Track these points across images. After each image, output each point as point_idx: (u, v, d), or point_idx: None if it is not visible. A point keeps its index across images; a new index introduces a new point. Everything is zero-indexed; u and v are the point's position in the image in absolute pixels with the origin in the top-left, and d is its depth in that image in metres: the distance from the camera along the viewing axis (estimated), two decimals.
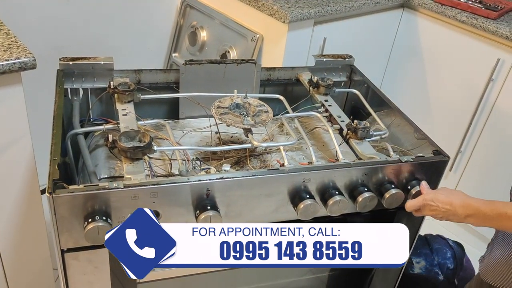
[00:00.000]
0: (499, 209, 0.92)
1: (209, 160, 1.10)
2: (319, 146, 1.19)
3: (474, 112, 1.94)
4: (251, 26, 1.78)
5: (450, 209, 0.96)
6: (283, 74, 1.36)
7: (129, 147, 0.93)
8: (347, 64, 1.41)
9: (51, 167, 0.87)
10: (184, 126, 1.24)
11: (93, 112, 1.23)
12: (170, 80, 1.25)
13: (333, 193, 0.99)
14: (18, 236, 1.31)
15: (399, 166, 1.04)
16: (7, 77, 1.08)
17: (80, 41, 1.80)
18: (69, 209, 0.84)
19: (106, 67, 1.18)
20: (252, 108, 1.11)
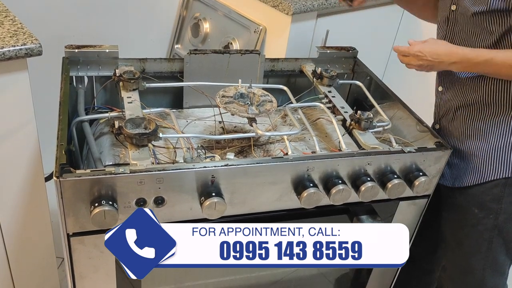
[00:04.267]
0: (485, 55, 0.99)
1: (213, 149, 1.11)
2: (322, 137, 1.20)
3: None
4: (254, 18, 1.78)
5: (437, 58, 1.02)
6: (286, 65, 1.37)
7: (135, 133, 0.94)
8: (351, 56, 1.42)
9: (58, 151, 0.88)
10: (188, 115, 1.25)
11: (98, 100, 1.23)
12: (174, 69, 1.26)
13: (336, 182, 1.00)
14: (22, 223, 1.32)
15: (402, 157, 1.05)
16: (13, 63, 1.09)
17: (84, 31, 1.81)
18: (76, 193, 0.85)
19: (111, 55, 1.19)
20: (256, 97, 1.12)
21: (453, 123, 1.15)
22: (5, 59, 1.06)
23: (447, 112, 1.16)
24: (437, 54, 1.02)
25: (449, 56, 1.02)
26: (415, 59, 1.05)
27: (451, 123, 1.16)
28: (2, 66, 1.08)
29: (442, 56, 1.02)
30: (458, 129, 1.14)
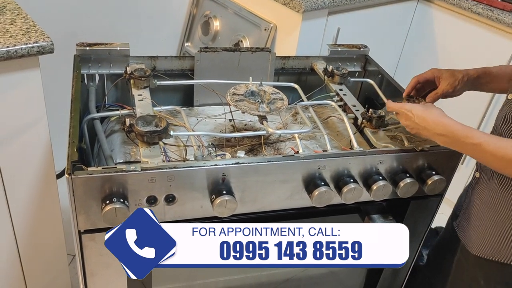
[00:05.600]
0: (474, 139, 0.88)
1: (223, 147, 1.11)
2: (333, 135, 1.19)
3: (488, 105, 1.92)
4: (264, 16, 1.78)
5: (422, 123, 0.95)
6: (297, 63, 1.36)
7: (146, 131, 0.94)
8: (362, 54, 1.41)
9: (70, 149, 0.88)
10: (198, 113, 1.25)
11: (109, 98, 1.23)
12: (185, 67, 1.25)
13: (348, 181, 0.99)
14: (33, 220, 1.33)
15: (414, 156, 1.03)
16: (26, 61, 1.09)
17: (95, 29, 1.82)
18: (87, 190, 0.85)
19: (122, 53, 1.19)
20: (267, 95, 1.12)
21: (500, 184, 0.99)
22: (17, 57, 1.07)
23: None
24: (424, 120, 0.94)
25: (436, 125, 0.93)
26: (403, 117, 0.99)
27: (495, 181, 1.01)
28: (14, 63, 1.09)
29: (429, 123, 0.94)
30: (497, 191, 1.00)
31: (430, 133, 0.95)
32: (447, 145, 0.94)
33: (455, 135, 0.91)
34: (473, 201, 1.08)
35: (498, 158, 0.86)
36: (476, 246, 1.05)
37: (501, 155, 0.85)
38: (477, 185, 1.07)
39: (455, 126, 0.92)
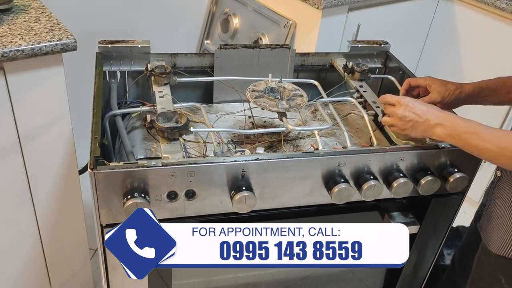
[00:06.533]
0: (474, 127, 0.90)
1: (242, 143, 1.11)
2: (353, 132, 1.18)
3: None
4: (284, 13, 1.77)
5: (424, 115, 0.94)
6: (317, 60, 1.36)
7: (167, 127, 0.94)
8: (383, 50, 1.39)
9: (93, 144, 0.89)
10: (218, 110, 1.26)
11: (130, 95, 1.25)
12: (205, 64, 1.26)
13: (368, 178, 0.98)
14: (56, 215, 1.35)
15: (436, 153, 1.02)
16: (50, 58, 1.11)
17: (116, 27, 1.84)
18: (109, 185, 0.86)
19: (143, 51, 1.20)
20: (286, 92, 1.11)
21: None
22: (41, 54, 1.09)
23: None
24: (427, 112, 0.95)
25: (437, 117, 0.93)
26: (402, 108, 0.96)
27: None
28: (39, 61, 1.11)
29: (431, 115, 0.94)
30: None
31: (430, 124, 0.94)
32: (446, 136, 0.93)
33: (456, 124, 0.92)
34: (494, 200, 1.06)
35: (494, 146, 0.87)
36: (497, 244, 1.03)
37: (495, 143, 0.87)
38: (498, 183, 1.05)
39: (455, 117, 0.94)
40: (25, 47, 1.07)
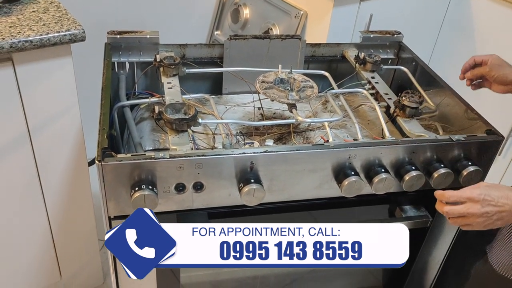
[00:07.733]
0: None
1: (251, 135, 1.10)
2: (364, 124, 1.16)
3: None
4: (294, 3, 1.75)
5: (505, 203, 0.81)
6: (328, 51, 1.33)
7: (175, 118, 0.93)
8: (395, 40, 1.37)
9: (100, 136, 0.89)
10: (227, 101, 1.24)
11: (138, 86, 1.24)
12: (214, 55, 1.25)
13: (379, 171, 0.97)
14: (66, 206, 1.36)
15: (449, 145, 1.00)
16: (58, 49, 1.11)
17: (124, 17, 1.83)
18: (117, 177, 0.85)
19: (152, 41, 1.19)
20: (297, 83, 1.10)
21: None
22: (50, 45, 1.08)
23: None
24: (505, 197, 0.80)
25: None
26: (478, 205, 0.82)
27: None
28: (47, 51, 1.11)
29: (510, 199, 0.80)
30: None
31: None
32: None
33: None
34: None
35: None
36: (498, 263, 1.02)
37: None
38: None
39: None
40: (33, 38, 1.06)
